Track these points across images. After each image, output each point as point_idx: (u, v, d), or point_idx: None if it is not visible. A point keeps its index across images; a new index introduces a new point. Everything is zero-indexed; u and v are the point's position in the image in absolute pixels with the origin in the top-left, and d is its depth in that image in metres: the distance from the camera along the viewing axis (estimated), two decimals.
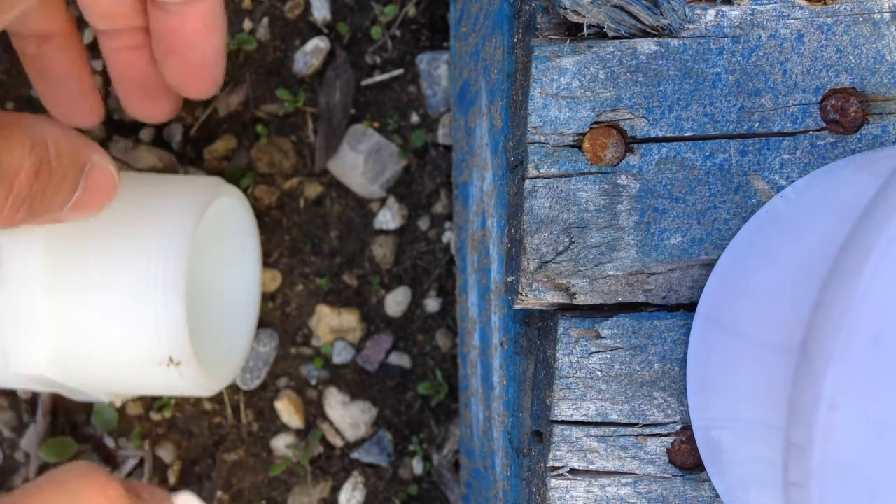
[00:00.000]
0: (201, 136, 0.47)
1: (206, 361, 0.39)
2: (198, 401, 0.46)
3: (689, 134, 0.27)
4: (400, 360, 0.47)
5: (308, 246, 0.47)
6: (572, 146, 0.27)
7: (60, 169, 0.29)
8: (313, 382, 0.47)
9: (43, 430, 0.46)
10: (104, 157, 0.32)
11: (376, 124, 0.47)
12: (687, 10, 0.26)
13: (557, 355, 0.27)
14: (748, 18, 0.26)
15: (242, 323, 0.45)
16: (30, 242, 0.35)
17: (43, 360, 0.36)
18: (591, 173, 0.27)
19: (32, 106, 0.46)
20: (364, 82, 0.47)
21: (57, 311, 0.35)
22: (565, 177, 0.27)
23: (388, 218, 0.47)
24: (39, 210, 0.29)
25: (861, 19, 0.26)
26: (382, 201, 0.47)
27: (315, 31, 0.47)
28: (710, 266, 0.27)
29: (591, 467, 0.27)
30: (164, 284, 0.35)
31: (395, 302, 0.47)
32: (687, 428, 0.27)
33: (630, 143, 0.27)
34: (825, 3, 0.26)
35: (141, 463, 0.46)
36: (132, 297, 0.35)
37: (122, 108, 0.44)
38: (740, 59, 0.26)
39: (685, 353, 0.27)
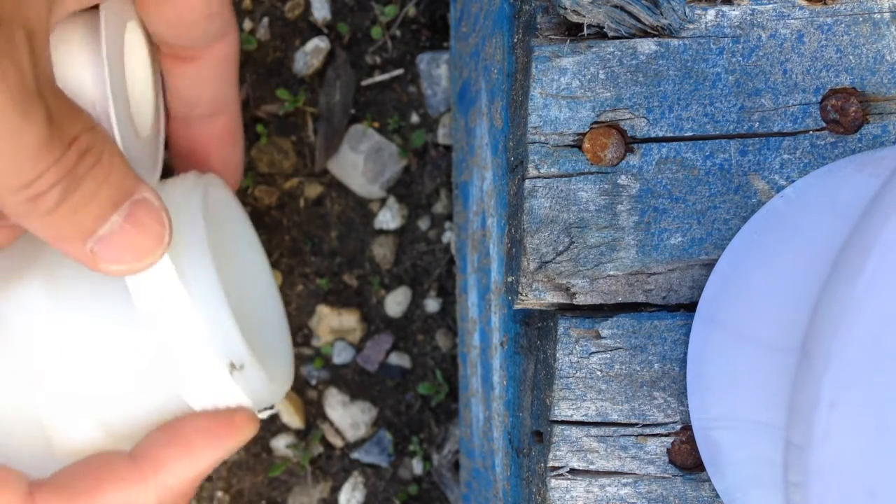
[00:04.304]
0: None
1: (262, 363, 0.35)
2: None
3: (689, 134, 0.27)
4: (400, 360, 0.47)
5: (308, 246, 0.47)
6: (572, 146, 0.27)
7: (106, 169, 0.27)
8: (313, 382, 0.47)
9: None
10: (157, 199, 0.29)
11: (376, 124, 0.47)
12: (687, 10, 0.26)
13: (557, 355, 0.27)
14: (748, 18, 0.26)
15: (273, 313, 0.41)
16: (31, 298, 0.31)
17: (95, 434, 0.31)
18: (591, 173, 0.27)
19: None
20: (364, 82, 0.47)
21: (86, 377, 0.31)
22: (565, 177, 0.27)
23: (388, 218, 0.47)
24: (66, 213, 0.26)
25: (861, 19, 0.26)
26: (382, 201, 0.47)
27: (315, 31, 0.47)
28: (710, 266, 0.27)
29: (591, 467, 0.27)
30: (198, 284, 0.30)
31: (395, 302, 0.47)
32: (687, 428, 0.27)
33: (630, 143, 0.27)
34: (825, 3, 0.26)
35: None
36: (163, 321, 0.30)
37: None
38: (740, 59, 0.26)
39: (685, 353, 0.27)
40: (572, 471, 0.27)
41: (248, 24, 0.47)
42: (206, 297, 0.30)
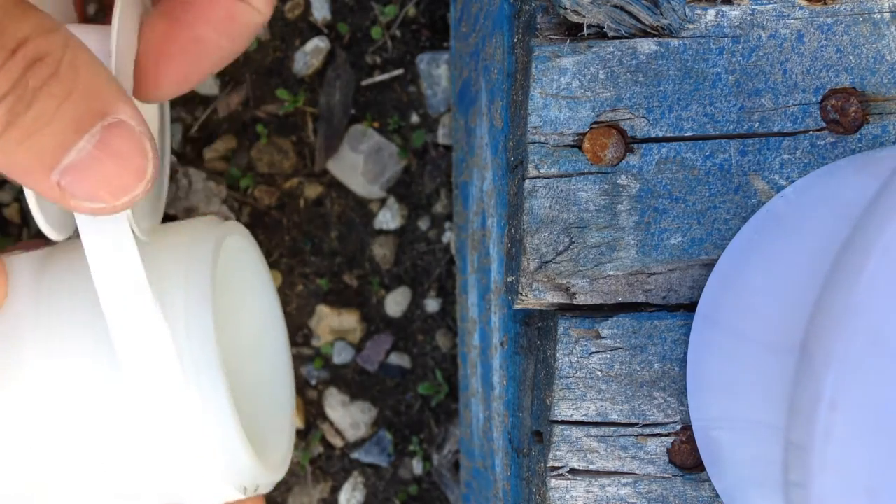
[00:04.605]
0: (201, 137, 0.47)
1: (262, 448, 0.31)
2: None
3: (689, 134, 0.27)
4: (400, 360, 0.47)
5: (308, 246, 0.47)
6: (572, 146, 0.27)
7: (67, 83, 0.21)
8: (313, 382, 0.47)
9: None
10: (139, 122, 0.22)
11: (376, 124, 0.47)
12: (687, 10, 0.26)
13: (557, 355, 0.27)
14: (748, 18, 0.26)
15: (281, 378, 0.37)
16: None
17: None
18: (591, 173, 0.27)
19: None
20: (364, 82, 0.47)
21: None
22: (565, 177, 0.27)
23: (388, 218, 0.47)
24: (18, 137, 0.21)
25: (861, 19, 0.26)
26: (382, 201, 0.47)
27: (315, 31, 0.47)
28: (710, 266, 0.27)
29: (591, 467, 0.27)
30: (206, 402, 0.26)
31: (395, 302, 0.47)
32: (687, 428, 0.27)
33: (630, 143, 0.27)
34: (825, 3, 0.26)
35: None
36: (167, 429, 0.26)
37: None
38: (740, 59, 0.26)
39: (685, 353, 0.27)
40: (572, 471, 0.27)
41: None
42: (220, 413, 0.27)
